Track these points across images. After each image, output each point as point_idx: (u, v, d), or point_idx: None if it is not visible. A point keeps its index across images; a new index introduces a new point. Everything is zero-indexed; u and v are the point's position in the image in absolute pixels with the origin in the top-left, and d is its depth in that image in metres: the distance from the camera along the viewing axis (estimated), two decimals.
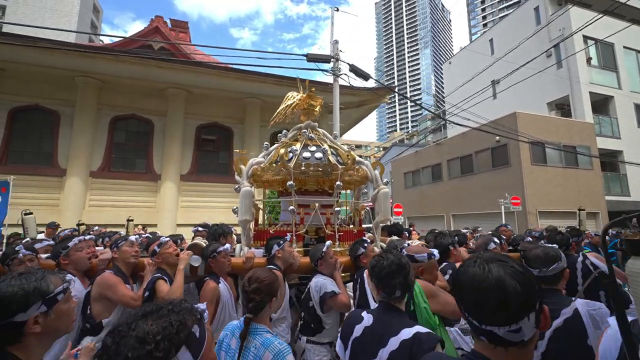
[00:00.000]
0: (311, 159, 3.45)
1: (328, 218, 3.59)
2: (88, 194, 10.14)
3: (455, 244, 3.22)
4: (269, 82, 10.79)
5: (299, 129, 3.96)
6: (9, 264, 2.40)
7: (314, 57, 8.49)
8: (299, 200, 3.45)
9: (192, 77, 10.35)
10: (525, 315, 0.80)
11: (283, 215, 3.92)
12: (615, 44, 17.36)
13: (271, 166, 3.54)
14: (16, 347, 1.07)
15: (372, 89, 9.85)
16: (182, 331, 0.80)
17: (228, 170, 11.87)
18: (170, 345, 0.76)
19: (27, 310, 1.07)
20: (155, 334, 0.76)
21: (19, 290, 1.08)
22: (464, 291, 0.89)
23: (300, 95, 4.00)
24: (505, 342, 0.82)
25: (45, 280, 1.15)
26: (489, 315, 0.82)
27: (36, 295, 1.10)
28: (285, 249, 2.78)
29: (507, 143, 13.86)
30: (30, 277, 1.14)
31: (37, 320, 1.09)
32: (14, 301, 1.06)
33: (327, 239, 3.21)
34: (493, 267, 0.86)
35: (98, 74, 10.09)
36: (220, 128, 11.97)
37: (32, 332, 1.08)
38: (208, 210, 11.22)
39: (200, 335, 0.84)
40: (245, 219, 3.33)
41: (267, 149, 3.93)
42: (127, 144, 10.92)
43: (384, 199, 3.52)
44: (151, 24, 13.01)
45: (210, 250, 2.67)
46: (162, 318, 0.80)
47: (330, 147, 3.71)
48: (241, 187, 3.43)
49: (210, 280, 2.56)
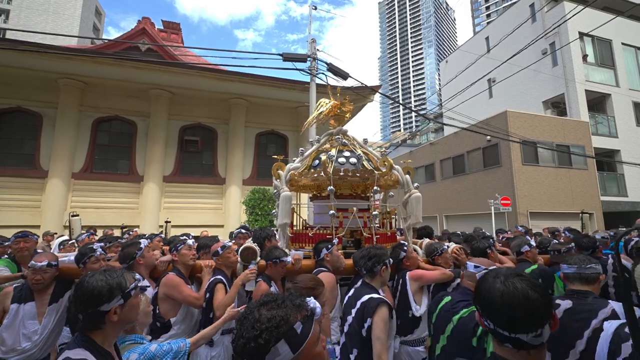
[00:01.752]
0: (346, 164, 3.61)
1: (365, 221, 3.70)
2: (70, 196, 10.18)
3: (492, 246, 3.25)
4: (249, 83, 10.73)
5: (330, 135, 4.07)
6: (86, 261, 2.62)
7: (289, 56, 8.39)
8: (338, 205, 3.54)
9: (171, 78, 10.34)
10: (547, 322, 0.95)
11: (317, 218, 4.05)
12: (613, 40, 16.97)
13: (309, 171, 3.67)
14: (96, 333, 1.29)
15: (352, 88, 9.71)
16: (283, 326, 0.86)
17: (212, 171, 11.85)
18: (269, 336, 0.84)
19: (111, 302, 1.29)
20: (262, 323, 0.86)
21: (105, 285, 1.30)
22: (493, 306, 1.00)
23: (332, 102, 4.11)
24: (529, 346, 0.95)
25: (124, 277, 1.37)
26: (519, 326, 0.94)
27: (117, 289, 1.31)
28: (334, 252, 2.90)
29: (497, 143, 13.60)
30: (113, 274, 1.35)
31: (116, 310, 1.31)
32: (102, 293, 1.28)
33: (365, 242, 3.45)
34: (517, 283, 0.99)
35: (81, 76, 10.13)
36: (205, 129, 11.94)
37: (111, 320, 1.30)
38: (192, 212, 11.22)
39: (303, 332, 0.90)
40: (285, 222, 3.46)
41: (302, 154, 3.99)
42: (109, 145, 10.94)
43: (416, 203, 3.66)
44: (138, 25, 13.03)
45: (274, 255, 2.78)
46: (271, 310, 0.89)
47: (363, 152, 3.87)
48: (280, 191, 3.52)
49: (262, 282, 2.68)
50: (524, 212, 12.80)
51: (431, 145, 19.08)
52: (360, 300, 2.05)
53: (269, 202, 9.99)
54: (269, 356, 0.85)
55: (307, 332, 0.91)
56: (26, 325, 2.36)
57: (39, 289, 2.46)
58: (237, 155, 11.75)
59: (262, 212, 9.78)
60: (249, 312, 0.91)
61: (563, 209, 13.49)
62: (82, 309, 1.27)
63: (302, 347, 0.88)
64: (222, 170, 11.83)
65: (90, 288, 1.28)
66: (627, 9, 17.82)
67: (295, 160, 3.85)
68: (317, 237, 3.44)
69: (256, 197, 9.99)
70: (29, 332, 2.35)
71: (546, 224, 12.01)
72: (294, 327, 0.88)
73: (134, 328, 1.70)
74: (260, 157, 12.42)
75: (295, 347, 0.87)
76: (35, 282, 2.42)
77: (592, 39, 16.58)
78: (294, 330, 0.88)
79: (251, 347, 0.84)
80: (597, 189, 14.42)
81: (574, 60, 15.71)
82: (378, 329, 1.95)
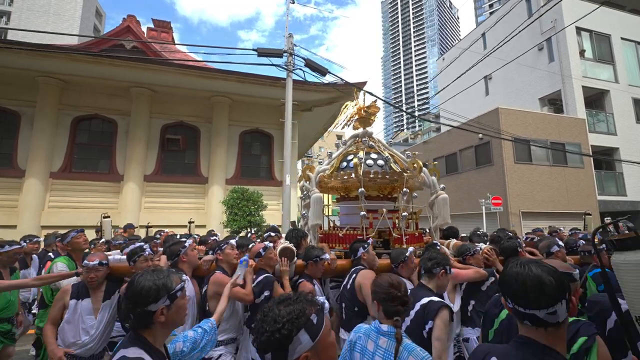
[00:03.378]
0: (374, 166, 3.72)
1: (394, 222, 3.76)
2: (48, 195, 10.04)
3: (522, 246, 3.38)
4: (231, 80, 10.50)
5: (356, 137, 4.17)
6: (135, 260, 2.75)
7: (264, 51, 8.16)
8: (368, 206, 3.61)
9: (151, 75, 10.17)
10: (559, 301, 1.03)
11: (344, 218, 4.14)
12: (612, 35, 16.48)
13: (338, 173, 3.77)
14: (147, 332, 1.32)
15: (329, 84, 9.44)
16: (301, 317, 0.96)
17: (195, 171, 11.65)
18: (292, 326, 0.94)
19: (157, 302, 1.32)
20: (283, 317, 0.95)
21: (152, 285, 1.32)
22: (510, 285, 1.12)
23: (358, 105, 4.20)
24: (545, 323, 1.04)
25: (170, 277, 1.39)
26: (531, 301, 1.05)
27: (163, 290, 1.34)
28: (370, 251, 3.02)
29: (489, 141, 13.24)
30: (159, 274, 1.38)
31: (162, 311, 1.33)
32: (149, 294, 1.31)
33: (394, 242, 3.59)
34: (532, 267, 1.11)
35: (59, 74, 10.00)
36: (187, 127, 11.74)
37: (159, 321, 1.32)
38: (173, 212, 11.03)
39: (318, 322, 1.00)
40: (317, 224, 3.61)
41: (331, 156, 4.14)
42: (89, 144, 10.79)
43: (444, 204, 3.76)
44: (123, 23, 12.91)
45: (314, 254, 2.92)
46: (289, 306, 0.99)
47: (389, 154, 3.99)
48: (311, 193, 3.65)
49: (306, 282, 2.84)
50: (516, 212, 12.42)
51: (424, 144, 18.73)
52: (419, 303, 2.09)
53: (248, 202, 9.77)
54: (291, 345, 0.93)
55: (322, 323, 1.00)
56: (84, 320, 2.54)
57: (94, 287, 2.65)
58: (220, 154, 11.53)
59: (241, 212, 9.55)
60: (269, 310, 1.00)
61: (558, 209, 13.08)
62: (132, 308, 1.32)
63: (319, 335, 0.97)
64: (204, 169, 11.63)
65: (139, 288, 1.33)
66: (628, 3, 17.33)
67: (321, 161, 4.02)
68: (347, 238, 3.59)
69: (235, 197, 9.77)
70: (87, 327, 2.54)
71: (539, 224, 11.62)
72: (310, 318, 0.98)
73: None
74: (244, 156, 12.19)
75: (314, 335, 0.97)
76: (89, 280, 2.61)
77: (590, 34, 16.12)
78: (311, 320, 0.98)
79: (276, 338, 0.93)
80: (594, 188, 13.98)
81: (571, 55, 15.26)
82: (439, 330, 2.00)
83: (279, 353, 0.94)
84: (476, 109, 18.44)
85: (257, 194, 10.01)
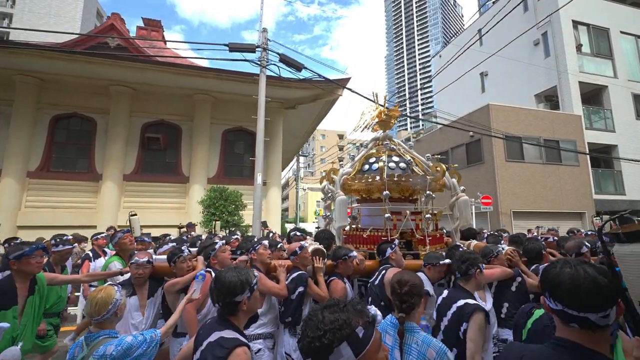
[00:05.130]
0: (396, 169, 3.82)
1: (417, 224, 3.83)
2: (24, 195, 9.93)
3: (545, 248, 3.46)
4: (210, 77, 10.30)
5: (377, 140, 4.28)
6: (175, 261, 2.87)
7: (236, 46, 7.91)
8: (392, 208, 3.67)
9: (129, 73, 10.03)
10: (613, 304, 1.01)
11: (366, 220, 4.18)
12: (610, 29, 15.95)
13: (362, 176, 3.87)
14: (233, 318, 1.57)
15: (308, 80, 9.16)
16: (345, 329, 0.90)
17: (175, 170, 11.47)
18: (333, 337, 0.89)
19: (243, 294, 1.55)
20: (325, 324, 0.91)
21: (237, 280, 1.55)
22: (560, 286, 1.06)
23: (379, 109, 4.27)
24: (595, 326, 1.00)
25: (249, 274, 1.62)
26: (586, 304, 1.00)
27: (246, 284, 1.56)
28: (397, 252, 3.10)
29: (480, 138, 12.85)
30: (241, 271, 1.60)
31: (245, 301, 1.56)
32: (236, 287, 1.54)
33: (417, 243, 3.70)
34: (587, 269, 1.06)
35: (35, 72, 9.88)
36: (168, 126, 11.57)
37: (242, 309, 1.56)
38: (153, 211, 10.85)
39: (365, 337, 0.93)
40: (342, 225, 3.70)
41: (353, 159, 4.20)
42: (68, 143, 10.67)
43: (465, 206, 3.83)
44: (107, 21, 12.80)
45: (342, 253, 3.01)
46: (334, 314, 0.94)
47: (410, 156, 4.09)
48: (336, 195, 3.71)
49: (338, 280, 2.91)
50: (507, 212, 12.03)
51: (417, 142, 18.35)
52: (455, 304, 2.15)
53: (226, 202, 9.56)
54: (332, 356, 0.89)
55: (369, 337, 0.93)
56: (133, 316, 2.72)
57: (140, 284, 2.84)
58: (201, 153, 11.34)
59: (217, 211, 9.33)
60: (314, 314, 0.97)
61: (551, 209, 12.66)
62: (221, 298, 1.55)
63: (364, 351, 0.90)
64: (186, 168, 11.44)
65: (227, 282, 1.54)
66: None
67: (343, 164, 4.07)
68: (371, 239, 3.66)
69: (213, 196, 9.56)
70: (136, 322, 2.72)
71: (531, 224, 11.23)
72: (355, 331, 0.91)
73: (104, 323, 1.80)
74: (227, 154, 11.99)
75: (358, 350, 0.90)
76: (137, 276, 2.80)
77: (588, 28, 15.62)
78: (356, 333, 0.91)
79: (316, 346, 0.89)
80: (590, 186, 13.51)
81: (567, 50, 14.78)
82: (472, 332, 2.04)
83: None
84: (473, 106, 18.02)
85: (235, 194, 9.80)
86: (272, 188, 11.97)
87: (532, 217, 12.06)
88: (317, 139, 62.88)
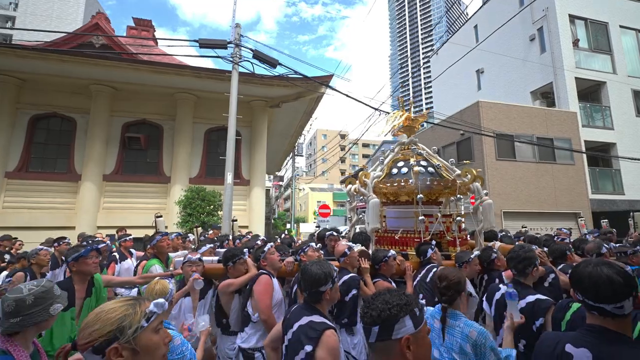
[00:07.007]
0: (425, 173, 3.96)
1: (447, 226, 4.01)
2: (2, 196, 9.84)
3: (571, 249, 3.63)
4: (187, 75, 10.11)
5: (403, 144, 4.45)
6: (235, 261, 2.95)
7: (206, 42, 7.72)
8: (425, 211, 3.80)
9: (106, 72, 9.86)
10: (627, 298, 1.20)
11: (393, 222, 4.34)
12: (609, 23, 15.43)
13: (394, 179, 4.02)
14: (318, 305, 1.82)
15: (281, 77, 8.92)
16: (409, 305, 1.10)
17: (157, 170, 11.30)
18: (399, 310, 1.08)
19: (326, 285, 1.81)
20: (393, 301, 1.11)
21: (322, 273, 1.81)
22: (582, 282, 1.28)
23: (405, 114, 4.43)
24: (612, 314, 1.21)
25: (330, 267, 1.88)
26: (602, 297, 1.22)
27: (330, 276, 1.84)
28: (437, 252, 3.33)
29: (470, 136, 12.48)
30: (325, 265, 1.88)
31: (327, 291, 1.83)
32: (321, 278, 1.80)
33: (448, 244, 3.92)
34: (604, 268, 1.26)
35: (13, 72, 9.79)
36: (149, 125, 11.41)
37: (325, 298, 1.83)
38: (133, 212, 10.70)
39: (420, 316, 1.12)
40: (375, 227, 3.81)
41: (382, 162, 4.37)
42: (47, 143, 10.56)
43: (489, 210, 3.98)
44: (91, 20, 12.70)
45: (382, 255, 3.14)
46: (397, 296, 1.13)
47: (437, 160, 4.24)
48: (369, 198, 3.82)
49: (382, 281, 3.03)
50: (497, 212, 11.64)
51: None
52: (525, 300, 2.27)
53: (203, 202, 9.35)
54: (397, 325, 1.07)
55: (423, 318, 1.13)
56: (186, 317, 2.79)
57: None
58: (183, 153, 11.16)
59: (194, 212, 9.13)
60: (379, 295, 1.16)
61: (545, 209, 12.23)
62: (308, 288, 1.79)
63: (420, 326, 1.10)
64: (167, 168, 11.27)
65: (313, 274, 1.79)
66: None
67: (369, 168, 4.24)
68: (402, 240, 3.88)
69: (190, 197, 9.37)
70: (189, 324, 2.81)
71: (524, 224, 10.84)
72: (414, 310, 1.10)
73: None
74: (210, 154, 11.79)
75: (417, 324, 1.09)
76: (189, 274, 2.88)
77: (585, 22, 15.12)
78: (415, 312, 1.10)
79: (386, 314, 1.07)
80: (586, 186, 13.04)
81: (563, 45, 14.31)
82: (549, 325, 2.16)
83: (386, 328, 1.06)
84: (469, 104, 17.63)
85: (213, 194, 9.59)
86: (256, 188, 11.74)
87: (525, 218, 11.67)
88: (318, 139, 62.57)
